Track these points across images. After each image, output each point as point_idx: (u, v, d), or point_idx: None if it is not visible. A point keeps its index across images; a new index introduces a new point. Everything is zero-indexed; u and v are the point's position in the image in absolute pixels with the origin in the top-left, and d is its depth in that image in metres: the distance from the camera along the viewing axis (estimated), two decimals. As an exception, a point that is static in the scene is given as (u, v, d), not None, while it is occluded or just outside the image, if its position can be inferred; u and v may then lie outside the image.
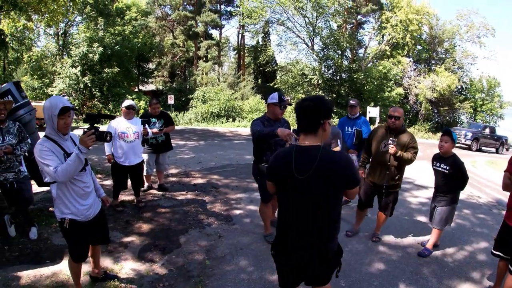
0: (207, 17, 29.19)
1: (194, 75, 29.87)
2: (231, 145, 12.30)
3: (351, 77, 25.34)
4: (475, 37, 28.51)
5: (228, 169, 8.47)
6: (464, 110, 30.11)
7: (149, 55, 27.52)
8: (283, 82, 27.26)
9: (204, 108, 22.20)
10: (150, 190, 6.48)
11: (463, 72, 30.25)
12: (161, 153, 6.33)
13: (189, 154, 9.98)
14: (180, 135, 13.60)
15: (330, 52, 26.18)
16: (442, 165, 4.34)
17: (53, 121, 2.73)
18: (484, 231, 5.64)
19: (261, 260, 4.13)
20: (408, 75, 27.68)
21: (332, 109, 2.39)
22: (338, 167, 2.20)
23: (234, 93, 25.58)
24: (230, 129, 18.38)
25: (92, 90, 20.68)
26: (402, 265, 4.28)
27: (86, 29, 21.71)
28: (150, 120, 6.07)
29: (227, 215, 5.49)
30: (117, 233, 4.65)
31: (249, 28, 28.39)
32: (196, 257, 4.11)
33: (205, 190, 6.67)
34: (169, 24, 33.15)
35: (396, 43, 26.98)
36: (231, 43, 40.86)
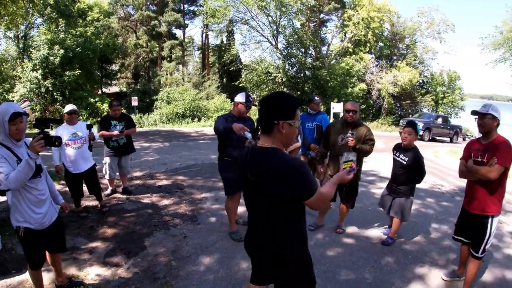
0: (170, 16, 28.81)
1: (158, 76, 29.43)
2: (197, 145, 12.23)
3: (314, 74, 25.74)
4: (435, 33, 29.83)
5: (193, 169, 8.42)
6: (426, 103, 31.26)
7: (112, 56, 26.82)
8: (248, 81, 27.33)
9: (168, 109, 21.92)
10: (114, 194, 6.35)
11: (424, 67, 31.51)
12: (123, 156, 6.22)
13: (154, 156, 9.85)
14: (145, 137, 13.39)
15: (293, 50, 26.47)
16: (402, 155, 4.47)
17: (5, 127, 2.67)
18: (448, 218, 5.89)
19: (226, 257, 4.16)
20: (371, 71, 28.43)
21: (293, 108, 2.10)
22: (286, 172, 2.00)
23: (199, 93, 25.41)
24: (195, 129, 18.25)
25: (54, 94, 19.93)
26: (367, 254, 4.42)
27: (47, 31, 20.91)
28: (110, 123, 5.95)
29: (192, 215, 5.47)
30: (82, 239, 4.55)
31: (213, 27, 28.28)
32: (161, 259, 4.08)
33: (170, 191, 6.61)
34: (132, 24, 32.46)
35: (358, 40, 27.65)
36: (195, 43, 40.55)
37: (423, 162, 4.44)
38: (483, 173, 3.31)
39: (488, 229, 3.42)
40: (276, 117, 2.07)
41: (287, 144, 2.19)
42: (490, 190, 3.38)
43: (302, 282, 2.28)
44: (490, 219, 3.41)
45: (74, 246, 4.34)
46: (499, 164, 3.22)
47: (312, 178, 2.06)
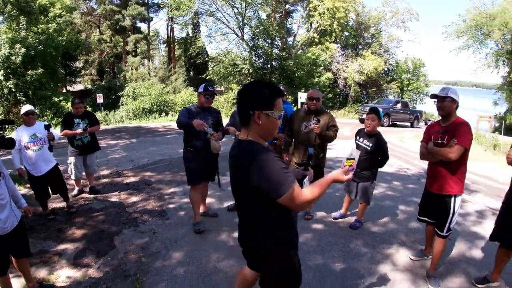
0: (134, 10, 28.11)
1: (123, 71, 28.75)
2: (164, 140, 12.14)
3: (281, 65, 25.89)
4: (400, 22, 30.73)
5: (161, 165, 8.38)
6: (391, 90, 32.13)
7: (75, 53, 25.92)
8: (215, 73, 27.17)
9: (135, 105, 21.46)
10: (81, 194, 6.23)
11: (389, 55, 32.41)
12: (88, 155, 6.10)
13: (121, 153, 9.70)
14: (111, 135, 13.14)
15: (260, 41, 26.49)
16: (366, 141, 4.60)
17: None
18: (414, 199, 6.12)
19: (196, 250, 4.21)
20: (337, 60, 28.85)
21: (271, 97, 1.99)
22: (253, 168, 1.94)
23: (165, 87, 25.00)
24: (163, 124, 18.02)
25: (16, 95, 19.09)
26: (335, 238, 4.58)
27: (7, 30, 19.92)
28: (73, 121, 5.83)
29: (161, 210, 5.48)
30: (51, 242, 4.47)
31: (178, 20, 27.83)
32: (131, 256, 4.08)
33: (138, 188, 6.56)
34: (95, 19, 31.40)
35: (324, 30, 27.94)
36: (160, 36, 39.86)
37: (387, 147, 4.59)
38: (443, 154, 3.40)
39: (451, 208, 3.53)
40: (251, 107, 1.99)
41: (265, 136, 2.09)
42: (451, 171, 3.47)
43: (279, 279, 2.21)
44: (453, 198, 3.51)
45: (43, 249, 4.27)
46: (459, 144, 3.31)
47: (282, 177, 1.90)
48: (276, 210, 2.02)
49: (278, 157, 1.99)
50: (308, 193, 1.98)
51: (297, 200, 1.93)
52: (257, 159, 1.93)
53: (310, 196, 1.98)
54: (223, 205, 5.75)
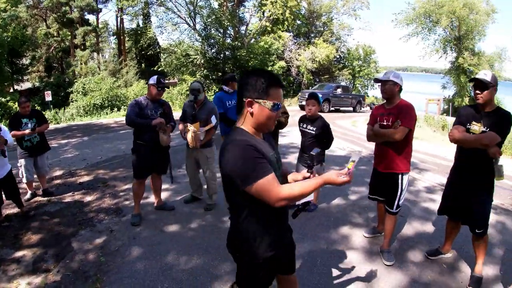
0: (82, 1, 26.82)
1: (72, 66, 27.59)
2: (117, 136, 11.91)
3: (234, 55, 25.88)
4: (351, 10, 31.73)
5: (114, 161, 8.27)
6: (343, 77, 33.16)
7: (21, 49, 24.56)
8: (167, 65, 26.82)
9: (85, 101, 20.68)
10: (34, 197, 6.03)
11: (341, 43, 33.43)
12: (38, 156, 5.92)
13: (73, 152, 9.42)
14: (62, 134, 12.66)
15: (212, 31, 26.30)
16: (310, 126, 4.82)
17: None
18: (365, 179, 6.36)
19: (154, 245, 4.28)
20: (289, 49, 29.29)
21: (266, 86, 1.91)
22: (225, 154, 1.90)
23: (116, 81, 24.27)
24: (115, 119, 17.53)
25: (-41, 97, 17.94)
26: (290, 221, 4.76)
27: None
28: (21, 121, 5.65)
29: (116, 208, 5.46)
30: (7, 250, 4.34)
31: (127, 10, 27.07)
32: (90, 257, 4.08)
33: (92, 187, 6.47)
34: (42, 12, 29.61)
35: (276, 19, 28.20)
36: (110, 28, 38.40)
37: (330, 129, 4.83)
38: (388, 135, 3.63)
39: (399, 185, 3.78)
40: (243, 94, 1.94)
41: (259, 127, 1.98)
42: (397, 151, 3.71)
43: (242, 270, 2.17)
44: (400, 176, 3.76)
45: (0, 258, 4.16)
46: (403, 125, 3.54)
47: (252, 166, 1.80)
48: (257, 202, 1.89)
49: (254, 147, 1.85)
50: (286, 190, 1.83)
51: (270, 194, 1.80)
52: (231, 144, 1.87)
53: (287, 193, 1.82)
54: (179, 198, 5.80)
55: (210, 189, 5.24)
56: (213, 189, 5.25)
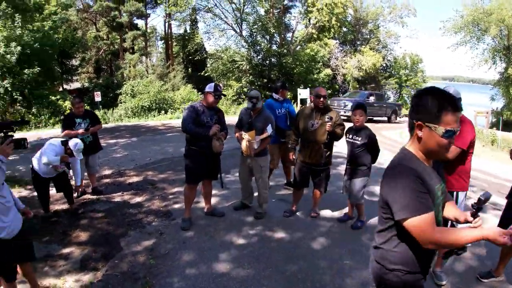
0: (131, 6, 27.83)
1: (121, 69, 28.55)
2: (165, 138, 12.01)
3: (280, 62, 25.73)
4: (397, 18, 30.79)
5: (163, 164, 8.27)
6: (389, 86, 32.24)
7: (71, 51, 25.67)
8: (213, 70, 27.03)
9: (133, 103, 21.27)
10: (84, 195, 6.12)
11: (387, 51, 32.50)
12: (90, 155, 6.00)
13: (122, 153, 9.58)
14: (111, 133, 12.98)
15: (258, 37, 26.36)
16: (355, 136, 4.61)
17: None
18: None
19: (206, 250, 4.16)
20: (335, 56, 28.80)
21: (438, 109, 1.72)
22: (388, 176, 1.86)
23: (164, 85, 24.82)
24: (162, 122, 17.85)
25: (13, 95, 18.91)
26: (342, 236, 4.56)
27: (2, 28, 19.71)
28: (74, 121, 5.75)
29: (166, 210, 5.41)
30: (55, 246, 4.37)
31: (175, 16, 27.68)
32: (139, 258, 4.02)
33: (141, 188, 6.48)
34: (91, 16, 31.06)
35: (322, 26, 27.82)
36: (158, 33, 39.53)
37: (376, 140, 4.61)
38: None
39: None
40: (415, 116, 1.78)
41: (427, 153, 1.83)
42: (452, 169, 3.48)
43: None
44: (455, 194, 3.52)
45: (48, 253, 4.18)
46: (457, 145, 3.29)
47: (412, 201, 1.66)
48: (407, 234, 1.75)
49: (421, 179, 1.70)
50: (439, 234, 1.66)
51: (422, 234, 1.66)
52: (397, 169, 1.78)
53: (439, 239, 1.66)
54: (228, 204, 5.67)
55: (261, 198, 5.07)
56: (264, 198, 5.08)
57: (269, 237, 4.52)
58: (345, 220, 5.03)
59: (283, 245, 4.32)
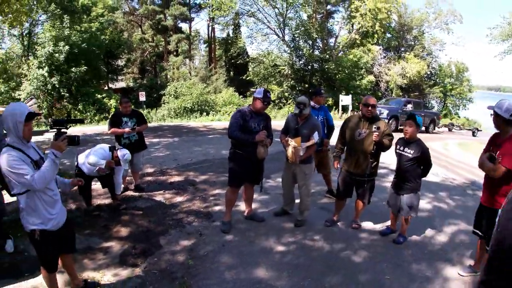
0: (176, 10, 28.56)
1: (165, 70, 29.31)
2: (206, 140, 12.14)
3: (322, 67, 25.48)
4: (443, 24, 29.68)
5: (204, 165, 8.32)
6: (434, 95, 31.08)
7: (117, 51, 26.76)
8: (255, 74, 27.19)
9: (176, 104, 21.80)
10: (126, 191, 6.28)
11: (432, 58, 31.30)
12: (135, 153, 6.11)
13: (164, 152, 9.78)
14: (154, 133, 13.31)
15: (300, 42, 26.24)
16: (407, 149, 4.35)
17: (18, 129, 2.64)
18: (460, 212, 5.79)
19: (245, 255, 4.11)
20: (379, 63, 28.20)
21: None
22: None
23: (206, 87, 25.25)
24: (204, 123, 18.12)
25: (60, 91, 19.94)
26: (384, 249, 4.37)
27: (51, 28, 20.84)
28: (121, 120, 5.89)
29: (207, 212, 5.41)
30: (96, 239, 4.49)
31: (219, 20, 28.08)
32: (178, 258, 4.03)
33: (182, 188, 6.53)
34: (137, 19, 32.24)
35: (366, 32, 27.27)
36: (201, 36, 40.29)
37: (429, 154, 4.34)
38: (487, 170, 3.35)
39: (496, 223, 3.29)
40: None
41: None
42: (499, 186, 3.34)
43: None
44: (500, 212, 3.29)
45: (88, 246, 4.29)
46: (503, 164, 3.19)
47: None
48: None
49: None
50: None
51: None
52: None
53: None
54: (268, 209, 5.59)
55: (303, 205, 4.96)
56: (306, 206, 4.96)
57: (309, 246, 4.41)
58: (387, 233, 4.81)
59: (323, 255, 4.20)
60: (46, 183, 2.69)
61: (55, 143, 2.74)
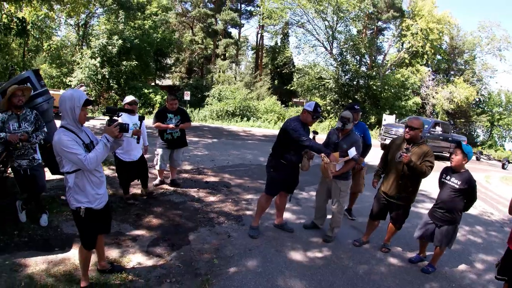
0: (227, 15, 29.22)
1: (211, 73, 29.92)
2: (245, 144, 12.28)
3: (368, 84, 25.12)
4: (495, 50, 28.36)
5: (241, 169, 8.41)
6: (480, 123, 29.80)
7: (167, 50, 27.66)
8: (299, 85, 27.17)
9: (219, 106, 22.18)
10: (162, 184, 6.50)
11: (482, 85, 30.05)
12: (175, 149, 6.32)
13: (202, 151, 9.98)
14: (194, 132, 13.60)
15: (348, 57, 26.01)
16: (453, 179, 4.16)
17: (75, 112, 2.86)
18: (495, 248, 5.54)
19: (269, 263, 4.12)
20: (426, 85, 27.41)
21: None
22: None
23: (250, 93, 25.51)
24: (243, 128, 18.30)
25: (109, 82, 20.86)
26: (411, 277, 4.24)
27: (106, 21, 21.88)
28: (166, 115, 6.08)
29: (237, 215, 5.46)
30: (127, 226, 4.68)
31: (268, 28, 28.39)
32: (204, 255, 4.11)
33: (217, 188, 6.65)
34: (189, 20, 33.24)
35: (415, 52, 26.69)
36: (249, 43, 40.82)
37: (476, 187, 4.13)
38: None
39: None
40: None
41: None
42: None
43: None
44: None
45: (119, 231, 4.47)
46: None
47: None
48: None
49: None
50: None
51: None
52: None
53: None
54: (298, 221, 5.56)
55: (334, 222, 4.90)
56: (337, 223, 4.90)
57: (335, 264, 4.35)
58: (416, 261, 4.66)
59: (347, 275, 4.12)
60: (97, 164, 2.89)
61: (108, 129, 2.95)
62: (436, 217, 4.31)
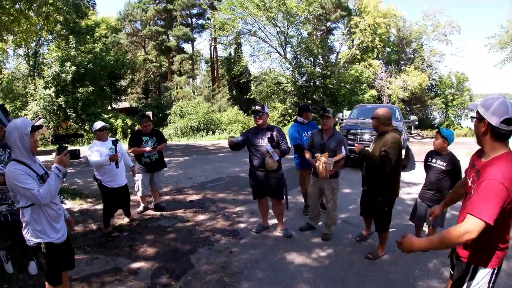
0: (179, 31, 29.10)
1: (169, 90, 29.58)
2: (217, 158, 12.17)
3: (324, 83, 25.70)
4: (441, 36, 29.84)
5: (220, 183, 8.33)
6: (436, 106, 31.17)
7: (121, 72, 27.07)
8: (258, 92, 27.35)
9: (182, 123, 21.93)
10: (146, 210, 6.30)
11: (432, 70, 31.46)
12: (155, 172, 6.16)
13: (178, 171, 9.79)
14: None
15: (302, 59, 26.51)
16: (439, 161, 4.37)
17: (25, 141, 2.72)
18: None
19: (279, 271, 4.10)
20: (380, 77, 28.38)
21: None
22: None
23: (211, 106, 25.45)
24: (211, 142, 18.15)
25: (66, 111, 20.13)
26: (415, 257, 4.33)
27: (57, 48, 21.13)
28: (141, 139, 5.92)
29: (232, 229, 5.40)
30: (123, 259, 4.47)
31: (221, 40, 28.44)
32: (213, 276, 4.01)
33: (203, 206, 6.54)
34: (140, 39, 32.78)
35: (366, 47, 27.66)
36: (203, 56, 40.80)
37: (460, 167, 4.29)
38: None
39: None
40: None
41: None
42: None
43: None
44: None
45: (116, 267, 4.27)
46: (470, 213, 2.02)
47: None
48: None
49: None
50: None
51: None
52: None
53: None
54: (294, 225, 5.49)
55: (331, 219, 4.96)
56: (333, 220, 4.97)
57: (341, 259, 4.40)
58: None
59: (356, 268, 4.18)
60: (51, 198, 2.75)
61: (58, 158, 2.81)
62: (426, 198, 4.50)
